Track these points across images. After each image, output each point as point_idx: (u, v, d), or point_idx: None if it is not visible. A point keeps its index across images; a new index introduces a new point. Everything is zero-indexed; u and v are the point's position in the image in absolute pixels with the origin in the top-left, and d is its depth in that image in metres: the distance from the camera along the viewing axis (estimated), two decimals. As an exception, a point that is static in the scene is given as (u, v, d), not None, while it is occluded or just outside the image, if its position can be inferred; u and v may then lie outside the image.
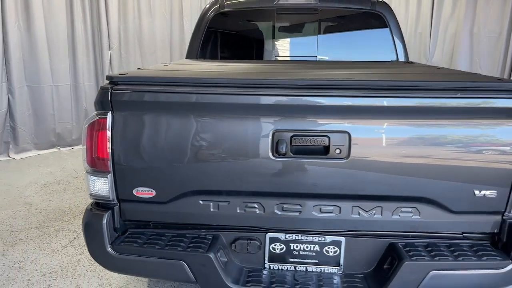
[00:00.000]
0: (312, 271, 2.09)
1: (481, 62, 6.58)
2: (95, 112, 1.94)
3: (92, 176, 1.98)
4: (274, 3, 3.69)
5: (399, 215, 1.95)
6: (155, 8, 6.83)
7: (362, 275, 2.06)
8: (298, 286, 1.98)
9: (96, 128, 1.91)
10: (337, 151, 1.85)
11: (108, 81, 1.95)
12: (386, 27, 3.62)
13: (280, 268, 2.10)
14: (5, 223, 4.00)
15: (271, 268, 2.10)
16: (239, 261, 2.11)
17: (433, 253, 1.94)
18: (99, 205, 2.04)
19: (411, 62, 3.55)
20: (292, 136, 1.85)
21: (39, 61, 5.95)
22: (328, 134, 1.84)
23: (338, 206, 1.95)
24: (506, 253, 1.92)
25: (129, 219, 2.07)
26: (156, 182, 1.96)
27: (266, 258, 2.09)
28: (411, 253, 1.94)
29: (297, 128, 1.85)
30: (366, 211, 1.95)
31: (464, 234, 2.03)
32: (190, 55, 3.79)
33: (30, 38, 5.86)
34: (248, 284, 1.98)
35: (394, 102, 1.84)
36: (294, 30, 3.86)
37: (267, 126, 1.86)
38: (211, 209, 1.99)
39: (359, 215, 1.95)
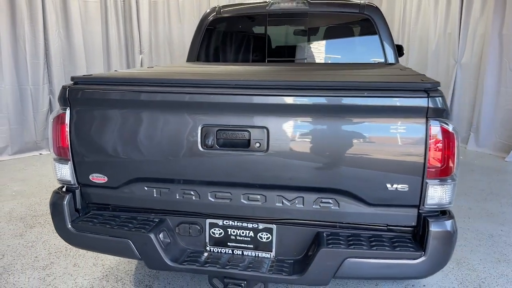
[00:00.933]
0: (248, 255, 2.28)
1: (511, 63, 6.36)
2: (58, 108, 2.26)
3: (57, 163, 2.31)
4: (266, 8, 3.89)
5: (320, 206, 2.10)
6: (184, 14, 7.24)
7: (292, 261, 2.22)
8: (228, 267, 2.18)
9: (58, 121, 2.23)
10: (257, 144, 2.04)
11: (71, 81, 2.27)
12: (375, 30, 3.70)
13: (219, 251, 2.31)
14: (30, 209, 4.51)
15: (212, 250, 2.32)
16: (185, 243, 2.35)
17: (352, 242, 2.07)
18: (64, 188, 2.36)
19: (392, 64, 3.61)
20: (217, 130, 2.06)
21: (77, 65, 6.54)
22: (249, 129, 2.03)
23: (264, 195, 2.13)
24: (421, 246, 2.01)
25: (89, 201, 2.38)
26: (107, 169, 2.25)
27: (207, 242, 2.31)
28: (330, 241, 2.08)
29: (222, 123, 2.07)
30: (289, 201, 2.12)
31: (388, 227, 2.14)
32: (189, 58, 4.09)
33: (69, 44, 6.46)
34: (185, 263, 2.21)
35: (308, 101, 2.00)
36: (284, 34, 4.03)
37: (197, 121, 2.09)
38: (155, 195, 2.24)
39: (283, 204, 2.12)
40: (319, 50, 3.97)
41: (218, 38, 4.15)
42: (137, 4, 6.94)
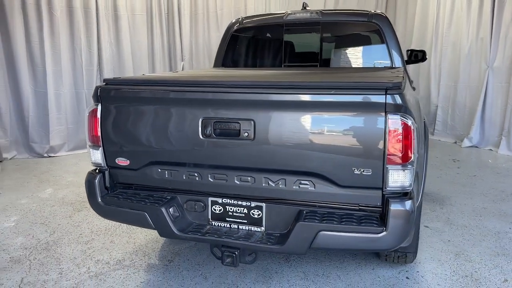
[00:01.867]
0: (242, 229, 2.70)
1: (542, 67, 6.36)
2: (92, 103, 2.80)
3: (91, 149, 2.85)
4: (283, 18, 4.31)
5: (299, 187, 2.48)
6: (222, 24, 7.79)
7: (278, 235, 2.62)
8: (224, 237, 2.61)
9: (91, 114, 2.77)
10: (246, 134, 2.46)
11: (104, 82, 2.81)
12: (382, 37, 4.01)
13: (219, 225, 2.75)
14: (79, 196, 5.18)
15: (213, 224, 2.76)
16: (192, 217, 2.80)
17: (325, 219, 2.44)
18: (97, 170, 2.90)
19: (394, 68, 3.89)
20: (214, 122, 2.51)
21: (125, 71, 7.26)
22: (239, 121, 2.46)
23: (253, 177, 2.55)
24: (383, 223, 2.35)
25: (116, 181, 2.90)
26: (129, 154, 2.76)
27: (210, 217, 2.76)
28: (307, 217, 2.46)
29: (217, 116, 2.51)
30: (274, 182, 2.52)
31: (360, 207, 2.48)
32: (215, 64, 4.58)
33: (119, 53, 7.20)
34: (189, 233, 2.67)
35: (286, 98, 2.40)
36: (299, 41, 4.42)
37: (198, 114, 2.54)
38: (166, 176, 2.72)
39: (268, 185, 2.53)
40: (331, 56, 4.32)
41: (240, 45, 4.61)
42: (179, 15, 7.59)
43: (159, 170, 2.73)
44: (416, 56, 5.95)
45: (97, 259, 3.63)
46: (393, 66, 4.01)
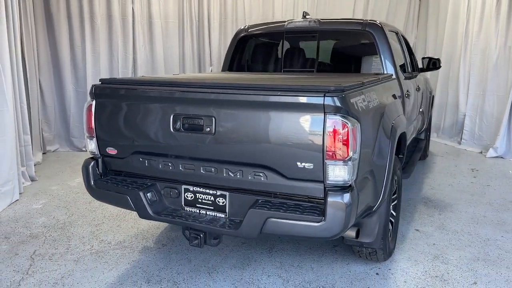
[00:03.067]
0: (210, 214, 3.02)
1: None
2: (89, 99, 3.25)
3: (87, 139, 3.30)
4: (284, 27, 4.60)
5: (254, 178, 2.77)
6: (250, 31, 8.18)
7: (239, 220, 2.91)
8: (190, 220, 2.95)
9: (88, 109, 3.22)
10: (208, 129, 2.79)
11: (99, 82, 3.25)
12: (375, 44, 4.20)
13: (190, 210, 3.08)
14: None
15: (186, 209, 3.10)
16: (169, 203, 3.17)
17: (274, 207, 2.71)
18: (92, 157, 3.34)
19: (380, 74, 4.05)
20: (182, 118, 2.86)
21: (157, 74, 7.80)
22: (202, 117, 2.80)
23: (216, 168, 2.87)
24: (323, 213, 2.59)
25: (109, 168, 3.32)
26: (116, 144, 3.17)
27: (183, 203, 3.11)
28: (259, 205, 2.74)
29: (185, 113, 2.86)
30: (233, 173, 2.83)
31: (309, 198, 2.73)
32: (223, 68, 4.96)
33: (152, 57, 7.77)
34: (162, 216, 3.04)
35: (240, 98, 2.70)
36: (298, 48, 4.68)
37: (170, 111, 2.90)
38: (146, 164, 3.10)
39: (229, 175, 2.84)
40: (326, 63, 4.54)
41: (245, 51, 4.95)
42: (209, 23, 8.06)
43: (141, 159, 3.11)
44: (434, 64, 6.03)
45: (101, 239, 4.09)
46: (384, 73, 4.17)
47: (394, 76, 4.15)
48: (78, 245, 3.96)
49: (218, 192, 2.97)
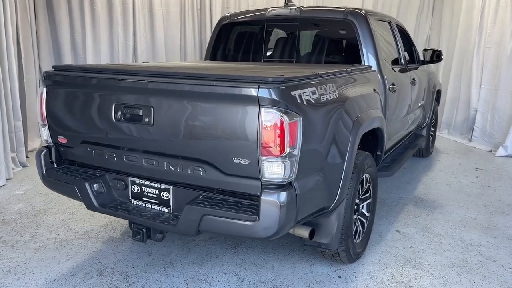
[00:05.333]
0: (154, 208, 2.91)
1: None
2: (42, 86, 3.18)
3: (41, 127, 3.24)
4: (265, 15, 4.41)
5: (193, 172, 2.64)
6: (253, 20, 7.99)
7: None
8: (132, 214, 2.85)
9: (40, 96, 3.15)
10: (147, 119, 2.67)
11: (52, 69, 3.17)
12: (355, 34, 3.96)
13: (137, 204, 2.99)
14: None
15: (133, 202, 3.00)
16: (117, 195, 3.08)
17: (212, 204, 2.57)
18: (46, 146, 3.28)
19: (355, 65, 3.82)
20: (123, 107, 2.75)
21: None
22: (141, 107, 2.68)
23: (157, 160, 2.75)
24: (257, 212, 2.43)
25: (64, 157, 3.25)
26: (66, 133, 3.10)
27: (130, 195, 3.01)
28: (196, 202, 2.61)
29: (125, 102, 2.75)
30: (173, 166, 2.70)
31: (249, 196, 2.58)
32: (205, 57, 4.82)
33: (153, 45, 7.72)
34: (107, 208, 2.95)
35: (174, 87, 2.57)
36: (280, 37, 4.47)
37: (112, 100, 2.79)
38: (94, 155, 3.02)
39: (169, 168, 2.72)
40: (306, 52, 4.32)
41: (227, 40, 4.79)
42: (211, 12, 7.93)
43: (88, 149, 3.03)
44: (438, 56, 5.71)
45: (70, 228, 4.07)
46: (364, 64, 3.93)
47: (374, 68, 3.91)
48: (44, 233, 3.94)
49: (162, 186, 2.86)
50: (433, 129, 6.86)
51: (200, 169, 2.61)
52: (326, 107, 2.77)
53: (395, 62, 4.64)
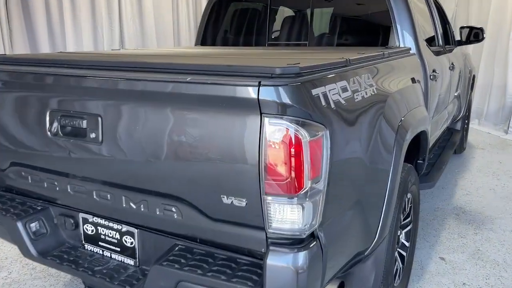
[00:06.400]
0: (115, 259, 2.04)
1: None
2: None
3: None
4: (269, -11, 3.47)
5: (164, 213, 1.75)
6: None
7: (150, 273, 1.91)
8: (84, 267, 1.97)
9: None
10: (93, 134, 1.78)
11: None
12: (386, 5, 3.02)
13: (92, 250, 2.11)
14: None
15: (86, 248, 2.12)
16: (67, 236, 2.20)
17: (193, 263, 1.68)
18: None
19: (393, 47, 2.88)
20: (60, 116, 1.85)
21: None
22: (85, 116, 1.78)
23: (112, 193, 1.86)
24: (260, 283, 1.54)
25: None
26: (-6, 152, 2.21)
27: (83, 237, 2.13)
28: (170, 259, 1.72)
29: (64, 108, 1.85)
30: (135, 203, 1.81)
31: (249, 250, 1.69)
32: (196, 42, 3.89)
33: (142, 30, 6.81)
34: (49, 258, 2.07)
35: (133, 86, 1.66)
36: (288, 15, 3.52)
37: (47, 105, 1.90)
38: (30, 181, 2.14)
39: (130, 206, 1.83)
40: (322, 33, 3.38)
41: (222, 20, 3.85)
42: (207, -7, 6.98)
43: (23, 173, 2.15)
44: (476, 35, 4.75)
45: (26, 263, 3.20)
46: (400, 46, 3.00)
47: (413, 51, 2.97)
48: (-7, 271, 3.09)
49: (124, 228, 1.97)
50: (466, 121, 5.90)
51: (173, 209, 1.72)
52: (362, 111, 1.85)
53: (431, 42, 3.69)
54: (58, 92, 1.87)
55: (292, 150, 1.42)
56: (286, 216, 1.49)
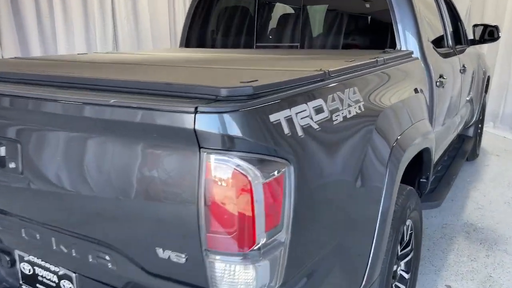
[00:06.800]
0: (54, 305, 1.73)
1: None
2: None
3: None
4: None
5: (98, 261, 1.43)
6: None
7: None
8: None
9: None
10: (12, 164, 1.47)
11: None
12: (386, 3, 2.66)
13: (30, 292, 1.81)
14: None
15: (24, 288, 1.83)
16: (5, 274, 1.91)
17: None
18: None
19: (398, 52, 2.50)
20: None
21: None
22: (3, 142, 1.47)
23: (39, 233, 1.55)
24: None
25: None
26: None
27: (20, 277, 1.83)
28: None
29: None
30: (66, 246, 1.50)
31: None
32: (180, 43, 3.58)
33: (137, 30, 6.54)
34: (-21, 300, 1.78)
35: (51, 107, 1.33)
36: (277, 15, 3.18)
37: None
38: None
39: (60, 248, 1.52)
40: (316, 35, 3.03)
41: (207, 19, 3.52)
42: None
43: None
44: (491, 34, 4.37)
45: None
46: (400, 49, 2.64)
47: (416, 55, 2.61)
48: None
49: (62, 271, 1.66)
50: (480, 125, 5.48)
51: (106, 257, 1.40)
52: (343, 134, 1.50)
53: (439, 43, 3.31)
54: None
55: (240, 195, 1.09)
56: (236, 277, 1.16)
